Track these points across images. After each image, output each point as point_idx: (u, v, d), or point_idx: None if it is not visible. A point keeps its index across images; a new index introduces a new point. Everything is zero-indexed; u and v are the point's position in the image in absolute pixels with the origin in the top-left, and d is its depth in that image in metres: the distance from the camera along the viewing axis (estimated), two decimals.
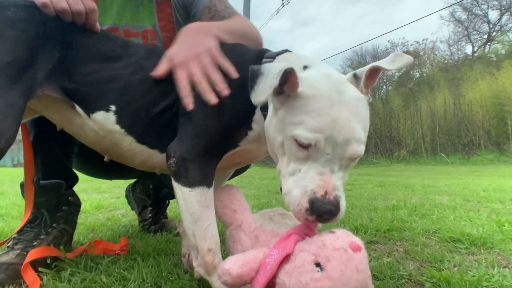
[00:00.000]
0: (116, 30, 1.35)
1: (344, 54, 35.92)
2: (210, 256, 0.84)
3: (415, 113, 19.88)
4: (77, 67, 0.92)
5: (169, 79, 0.94)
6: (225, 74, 0.91)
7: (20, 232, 1.12)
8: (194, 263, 0.88)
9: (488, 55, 24.23)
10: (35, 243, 1.08)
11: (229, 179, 1.33)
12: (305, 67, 0.85)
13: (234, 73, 0.91)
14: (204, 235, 0.84)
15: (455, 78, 21.06)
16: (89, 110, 0.93)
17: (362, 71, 0.77)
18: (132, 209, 1.86)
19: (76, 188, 1.31)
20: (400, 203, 2.57)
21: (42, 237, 1.11)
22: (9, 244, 1.08)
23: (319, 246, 0.70)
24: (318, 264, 0.68)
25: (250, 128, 0.90)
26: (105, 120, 0.93)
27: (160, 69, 0.94)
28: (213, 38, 1.00)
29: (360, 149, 0.71)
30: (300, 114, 0.71)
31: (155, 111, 0.94)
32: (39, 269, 1.01)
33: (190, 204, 0.84)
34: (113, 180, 1.77)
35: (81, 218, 1.99)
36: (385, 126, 21.24)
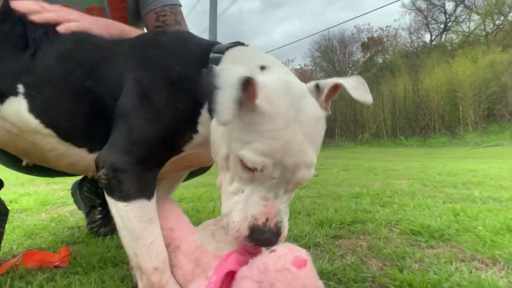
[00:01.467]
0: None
1: (312, 38, 36.10)
2: (157, 276, 0.74)
3: (377, 97, 20.61)
4: None
5: (97, 60, 0.83)
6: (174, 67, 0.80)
7: None
8: (139, 285, 0.78)
9: (445, 44, 25.52)
10: None
11: (188, 179, 1.22)
12: (262, 68, 0.76)
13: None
14: (149, 254, 0.73)
15: (415, 65, 22.04)
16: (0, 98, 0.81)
17: (326, 84, 0.70)
18: (79, 209, 1.68)
19: (23, 179, 1.14)
20: (363, 190, 2.60)
21: None
22: None
23: (261, 270, 0.63)
24: None
25: (196, 131, 0.80)
26: (18, 109, 0.80)
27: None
28: (105, 31, 0.93)
29: (309, 173, 0.66)
30: (251, 132, 0.63)
31: (80, 104, 0.81)
32: None
33: (127, 220, 0.73)
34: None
35: (18, 220, 1.79)
36: (350, 110, 21.88)
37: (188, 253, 0.79)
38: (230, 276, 0.66)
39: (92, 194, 1.56)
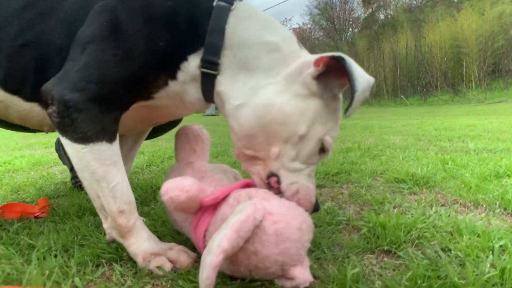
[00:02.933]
0: None
1: None
2: (123, 218, 0.72)
3: (378, 55, 20.02)
4: None
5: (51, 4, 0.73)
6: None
7: None
8: (104, 225, 0.76)
9: None
10: None
11: (158, 135, 1.19)
12: (300, 46, 0.76)
13: None
14: (113, 196, 0.70)
15: (418, 20, 21.12)
16: None
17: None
18: (64, 164, 1.67)
19: (22, 144, 1.12)
20: (354, 145, 2.58)
21: None
22: None
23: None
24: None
25: (174, 77, 0.72)
26: None
27: None
28: None
29: None
30: (332, 119, 0.71)
31: (22, 46, 0.73)
32: None
33: (87, 163, 0.68)
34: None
35: (8, 178, 1.79)
36: None
37: (198, 170, 0.82)
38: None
39: None
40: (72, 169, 1.54)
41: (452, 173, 1.46)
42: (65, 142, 0.69)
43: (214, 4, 0.71)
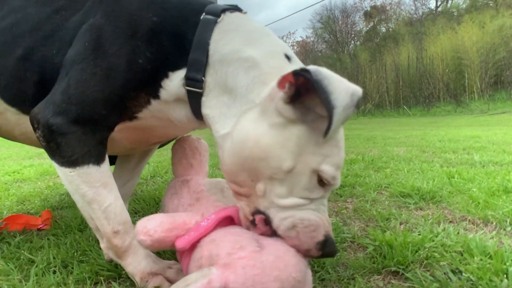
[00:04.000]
0: None
1: (314, 9, 34.86)
2: (118, 239, 0.70)
3: (380, 67, 20.13)
4: None
5: (49, 22, 0.73)
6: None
7: None
8: (101, 245, 0.74)
9: (450, 10, 24.54)
10: None
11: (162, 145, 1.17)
12: (288, 58, 0.66)
13: None
14: (105, 217, 0.68)
15: (419, 33, 21.33)
16: None
17: None
18: None
19: (32, 153, 1.12)
20: (358, 157, 2.55)
21: None
22: None
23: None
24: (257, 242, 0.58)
25: (156, 97, 0.68)
26: None
27: None
28: None
29: None
30: (326, 143, 0.58)
31: (27, 66, 0.73)
32: None
33: (76, 186, 0.67)
34: None
35: (15, 188, 1.78)
36: (352, 81, 20.92)
37: (194, 190, 0.78)
38: (228, 220, 0.65)
39: None
40: None
41: (458, 187, 1.43)
42: (55, 165, 0.68)
43: (201, 17, 0.68)
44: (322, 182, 0.59)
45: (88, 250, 0.88)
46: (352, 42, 30.37)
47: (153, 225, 0.61)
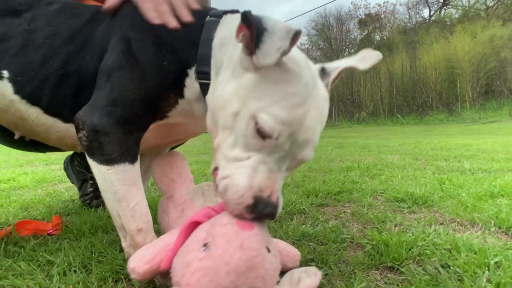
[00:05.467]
0: None
1: (308, 16, 35.38)
2: (141, 236, 0.76)
3: (375, 76, 20.43)
4: None
5: (81, 33, 0.81)
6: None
7: None
8: (123, 244, 0.81)
9: (443, 19, 25.03)
10: None
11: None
12: None
13: (187, 17, 0.78)
14: (132, 215, 0.75)
15: (413, 42, 21.69)
16: None
17: (334, 68, 0.72)
18: (72, 183, 1.71)
19: (22, 161, 1.18)
20: (354, 164, 2.64)
21: None
22: None
23: (212, 222, 0.64)
24: (205, 244, 0.61)
25: (182, 96, 0.78)
26: (3, 90, 0.80)
27: (111, 2, 0.82)
28: None
29: (312, 154, 0.64)
30: (273, 92, 0.59)
31: (65, 75, 0.80)
32: None
33: (110, 183, 0.73)
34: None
35: (15, 196, 1.82)
36: (346, 89, 21.68)
37: (178, 203, 0.83)
38: (195, 225, 0.69)
39: (83, 168, 1.58)
40: (80, 187, 1.58)
41: (449, 192, 1.52)
42: (92, 164, 0.74)
43: (206, 20, 0.78)
44: (260, 132, 0.59)
45: (104, 251, 0.94)
46: (347, 49, 30.76)
47: (136, 263, 0.67)
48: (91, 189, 1.54)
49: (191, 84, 0.77)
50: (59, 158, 3.96)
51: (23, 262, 0.87)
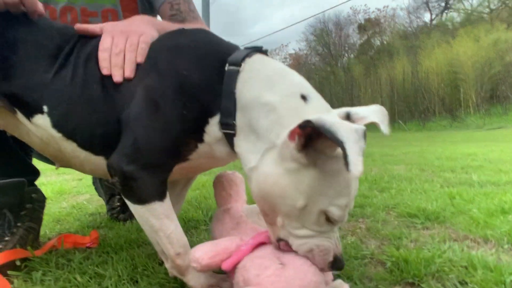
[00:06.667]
0: (72, 9, 1.25)
1: (307, 22, 35.62)
2: (180, 259, 0.84)
3: (375, 81, 20.48)
4: (13, 69, 0.85)
5: (112, 83, 0.86)
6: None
7: None
8: (166, 265, 0.88)
9: (445, 23, 25.02)
10: (0, 246, 1.03)
11: None
12: (303, 98, 0.75)
13: (130, 73, 0.85)
14: (169, 242, 0.83)
15: (414, 46, 21.67)
16: (28, 114, 0.87)
17: (360, 118, 0.75)
18: (100, 196, 1.80)
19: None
20: (361, 176, 2.69)
21: (6, 238, 1.06)
22: None
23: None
24: (281, 263, 0.73)
25: (201, 141, 0.82)
26: (44, 124, 0.87)
27: (88, 27, 0.91)
28: (154, 29, 0.95)
29: None
30: (334, 184, 0.68)
31: (96, 116, 0.86)
32: (8, 272, 0.97)
33: (146, 219, 0.82)
34: None
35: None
36: (346, 95, 21.73)
37: (234, 216, 0.94)
38: (262, 243, 0.81)
39: (110, 184, 1.67)
40: (108, 202, 1.66)
41: (460, 208, 1.59)
42: (128, 203, 0.83)
43: (226, 68, 0.80)
44: (329, 220, 0.71)
45: (146, 265, 1.02)
46: (346, 55, 30.79)
47: (200, 254, 0.77)
48: (118, 203, 1.63)
49: (211, 130, 0.81)
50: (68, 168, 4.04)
51: (77, 274, 0.95)
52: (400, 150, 5.75)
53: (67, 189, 2.59)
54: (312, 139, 0.65)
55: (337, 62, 29.88)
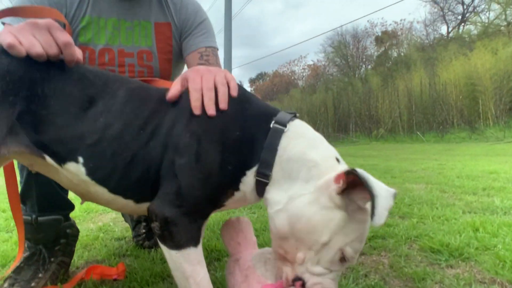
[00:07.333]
0: (110, 51, 1.32)
1: (326, 34, 35.91)
2: None
3: (392, 92, 20.26)
4: (46, 119, 0.83)
5: (148, 124, 0.89)
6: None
7: (17, 270, 1.11)
8: None
9: (462, 36, 24.74)
10: (33, 284, 1.09)
11: None
12: (338, 160, 0.89)
13: (224, 105, 0.88)
14: None
15: (431, 58, 21.45)
16: (60, 161, 0.87)
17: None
18: (126, 221, 1.86)
19: None
20: None
21: (40, 275, 1.12)
22: (5, 285, 1.07)
23: None
24: None
25: (237, 189, 0.89)
26: (77, 171, 0.87)
27: (174, 90, 0.91)
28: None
29: None
30: (357, 231, 0.81)
31: (133, 163, 0.87)
32: None
33: (179, 265, 0.85)
34: None
35: None
36: (364, 105, 21.57)
37: (243, 268, 0.96)
38: None
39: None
40: (134, 228, 1.72)
41: (484, 242, 1.56)
42: (164, 248, 0.86)
43: (271, 125, 0.88)
44: (343, 259, 0.81)
45: None
46: (363, 66, 30.77)
47: None
48: (143, 230, 1.68)
49: (247, 181, 0.88)
50: None
51: None
52: (419, 165, 5.66)
53: (94, 207, 2.67)
54: (350, 188, 0.77)
55: (354, 73, 29.88)
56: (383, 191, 0.70)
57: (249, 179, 0.88)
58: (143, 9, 1.35)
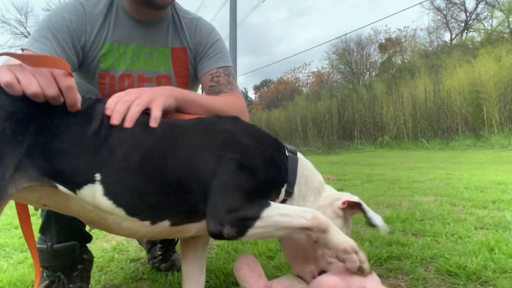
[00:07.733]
0: (130, 76, 1.36)
1: (330, 42, 36.28)
2: (316, 221, 0.91)
3: (397, 99, 20.26)
4: (56, 147, 0.80)
5: (172, 141, 0.91)
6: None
7: None
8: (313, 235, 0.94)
9: (466, 43, 24.81)
10: None
11: None
12: (323, 187, 1.18)
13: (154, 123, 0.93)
14: (298, 216, 0.91)
15: (435, 65, 21.49)
16: (74, 187, 0.82)
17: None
18: (140, 244, 1.87)
19: None
20: (393, 214, 2.68)
21: None
22: None
23: None
24: None
25: (277, 197, 1.05)
26: (93, 193, 0.83)
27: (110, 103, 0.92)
28: (172, 97, 1.05)
29: None
30: (346, 228, 1.11)
31: (154, 180, 0.86)
32: None
33: (272, 219, 0.89)
34: None
35: None
36: (369, 112, 21.56)
37: None
38: None
39: None
40: (149, 250, 1.73)
41: (501, 264, 1.56)
42: (250, 230, 0.90)
43: (287, 153, 1.09)
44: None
45: None
46: (367, 73, 30.90)
47: None
48: (159, 252, 1.69)
49: (282, 193, 1.06)
50: None
51: None
52: (426, 175, 5.65)
53: None
54: (349, 209, 1.09)
55: (359, 80, 30.00)
56: (376, 217, 1.02)
57: (281, 195, 1.05)
58: (160, 35, 1.39)
